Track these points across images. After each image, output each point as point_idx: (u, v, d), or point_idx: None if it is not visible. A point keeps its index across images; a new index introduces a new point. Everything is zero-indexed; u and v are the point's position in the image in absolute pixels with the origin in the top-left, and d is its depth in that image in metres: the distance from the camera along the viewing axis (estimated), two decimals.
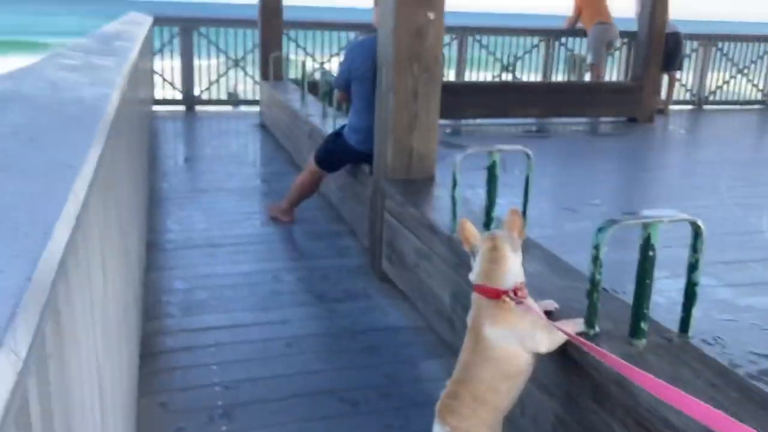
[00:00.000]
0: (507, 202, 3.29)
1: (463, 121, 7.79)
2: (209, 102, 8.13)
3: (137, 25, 5.13)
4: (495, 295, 1.67)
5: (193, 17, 8.18)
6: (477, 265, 1.75)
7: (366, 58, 3.58)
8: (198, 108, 8.02)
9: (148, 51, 6.16)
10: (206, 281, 3.35)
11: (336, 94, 4.25)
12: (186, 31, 7.76)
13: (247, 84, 8.35)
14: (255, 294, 3.22)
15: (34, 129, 1.15)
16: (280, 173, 5.48)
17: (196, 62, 7.99)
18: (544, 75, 9.10)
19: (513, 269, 1.69)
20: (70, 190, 0.83)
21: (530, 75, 9.20)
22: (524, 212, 2.60)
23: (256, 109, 7.67)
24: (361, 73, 3.66)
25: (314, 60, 8.29)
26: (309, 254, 3.89)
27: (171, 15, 8.03)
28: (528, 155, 2.56)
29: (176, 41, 7.84)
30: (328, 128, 4.52)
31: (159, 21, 7.52)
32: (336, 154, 3.97)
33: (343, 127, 3.98)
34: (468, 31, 8.67)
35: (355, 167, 3.99)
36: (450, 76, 8.44)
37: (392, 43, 3.17)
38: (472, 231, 1.80)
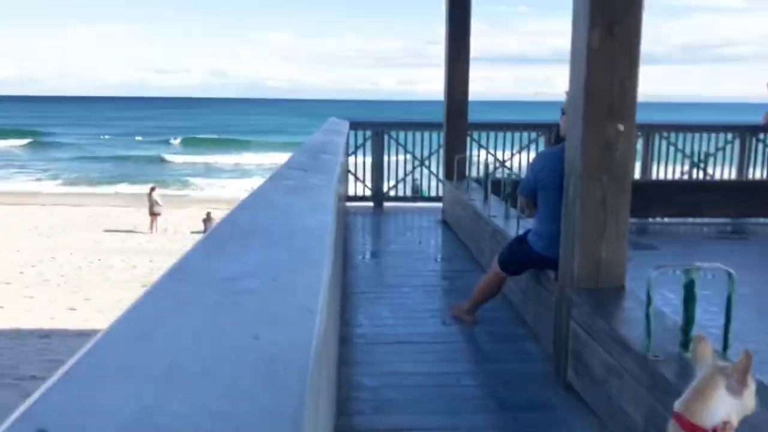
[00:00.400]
0: (700, 310, 3.12)
1: (651, 219, 7.48)
2: (396, 198, 8.59)
3: (338, 133, 5.64)
4: (690, 429, 1.61)
5: (385, 121, 8.83)
6: (686, 391, 1.70)
7: (553, 168, 3.65)
8: (385, 204, 8.50)
9: (344, 153, 6.69)
10: (394, 379, 3.48)
11: (520, 199, 4.33)
12: (378, 134, 8.37)
13: (431, 181, 8.72)
14: (440, 397, 3.28)
15: (274, 267, 1.33)
16: (462, 271, 5.61)
17: (385, 161, 8.53)
18: (740, 172, 8.55)
19: (719, 410, 1.61)
20: (313, 336, 0.97)
21: (723, 172, 8.68)
22: (726, 335, 2.47)
23: (439, 205, 7.95)
24: (547, 182, 3.73)
25: (496, 158, 8.49)
26: (491, 357, 3.91)
27: (365, 119, 8.74)
28: (730, 274, 2.44)
29: (368, 142, 8.45)
30: (511, 230, 4.60)
31: (354, 125, 8.18)
32: (520, 258, 4.02)
33: (527, 232, 4.04)
34: (654, 128, 8.45)
35: (539, 272, 4.00)
36: (635, 172, 8.21)
37: (580, 154, 3.21)
38: (705, 352, 1.76)
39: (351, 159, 8.46)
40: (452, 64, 7.42)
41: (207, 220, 20.84)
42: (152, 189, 22.16)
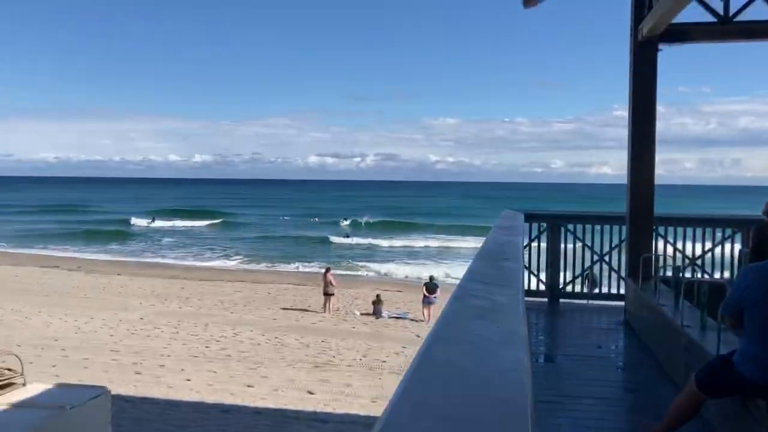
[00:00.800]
0: None
1: None
2: (572, 295, 8.21)
3: (515, 231, 5.52)
4: None
5: (561, 213, 8.57)
6: None
7: (762, 285, 3.28)
8: (561, 300, 8.14)
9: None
10: None
11: (721, 314, 3.92)
12: (553, 227, 8.12)
13: (611, 277, 8.26)
14: None
15: (479, 425, 1.26)
16: (649, 383, 5.15)
17: (560, 253, 8.23)
18: None
19: None
20: None
21: None
22: None
23: (620, 304, 7.47)
24: (756, 301, 3.36)
25: (685, 256, 7.86)
26: None
27: (540, 211, 8.54)
28: None
29: (543, 235, 8.23)
30: (709, 345, 4.17)
31: (529, 218, 8.01)
32: (723, 381, 3.61)
33: (733, 352, 3.63)
34: None
35: (746, 397, 3.56)
36: None
37: None
38: None
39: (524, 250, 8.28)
40: (636, 153, 7.11)
41: (377, 302, 21.29)
42: (327, 270, 23.14)
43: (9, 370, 8.86)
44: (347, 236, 49.95)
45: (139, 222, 62.88)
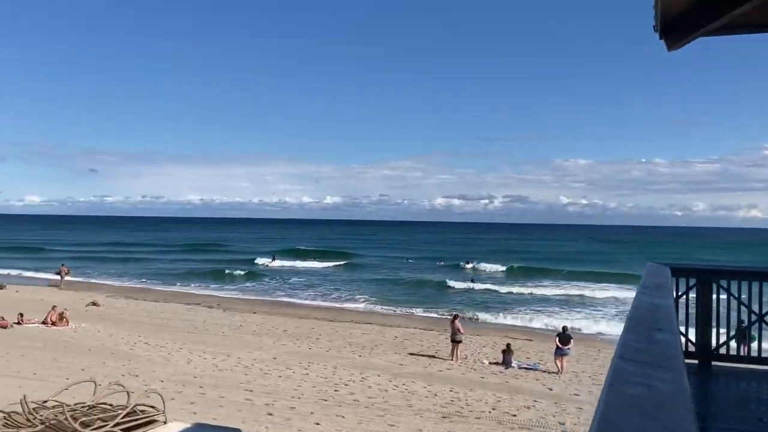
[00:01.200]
0: None
1: None
2: (726, 357, 7.47)
3: (664, 291, 5.09)
4: None
5: (713, 268, 7.86)
6: None
7: None
8: (714, 363, 7.43)
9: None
10: None
11: None
12: (704, 283, 7.47)
13: None
14: None
15: None
16: None
17: (713, 311, 7.54)
18: None
19: None
20: None
21: None
22: None
23: None
24: None
25: None
26: None
27: (689, 265, 7.90)
28: None
29: (693, 291, 7.60)
30: None
31: (676, 272, 7.42)
32: None
33: None
34: None
35: None
36: None
37: None
38: None
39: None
40: None
41: (506, 351, 20.67)
42: (455, 317, 22.83)
43: (152, 407, 9.32)
44: (473, 281, 49.25)
45: (261, 261, 65.65)
